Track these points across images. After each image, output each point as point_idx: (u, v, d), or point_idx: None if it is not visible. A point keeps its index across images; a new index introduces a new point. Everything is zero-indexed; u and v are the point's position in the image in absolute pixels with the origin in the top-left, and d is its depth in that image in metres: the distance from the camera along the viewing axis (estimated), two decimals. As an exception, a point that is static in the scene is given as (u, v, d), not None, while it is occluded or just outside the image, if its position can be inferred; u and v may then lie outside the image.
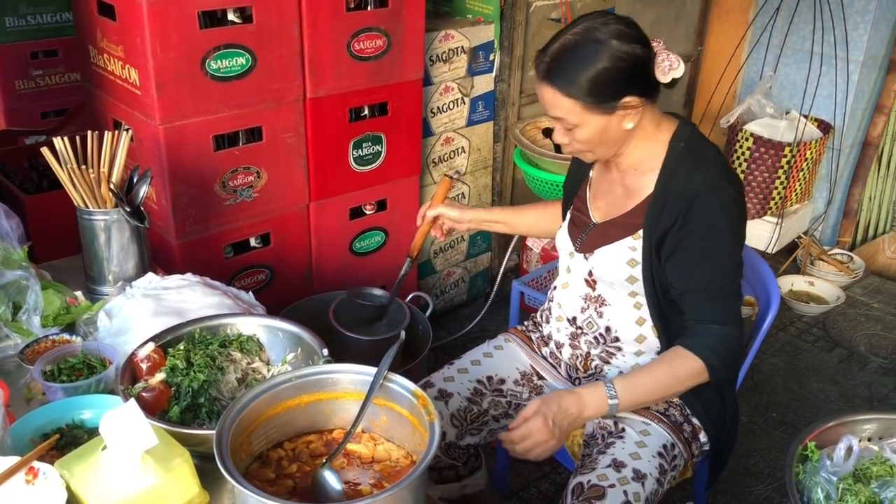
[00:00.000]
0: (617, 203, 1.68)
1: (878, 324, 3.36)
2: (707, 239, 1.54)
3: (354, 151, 2.49)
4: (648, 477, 1.56)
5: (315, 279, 2.58)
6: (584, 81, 1.47)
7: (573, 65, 1.48)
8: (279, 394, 1.26)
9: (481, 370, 1.84)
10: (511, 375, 1.85)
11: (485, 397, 1.79)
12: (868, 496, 1.52)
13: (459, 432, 1.75)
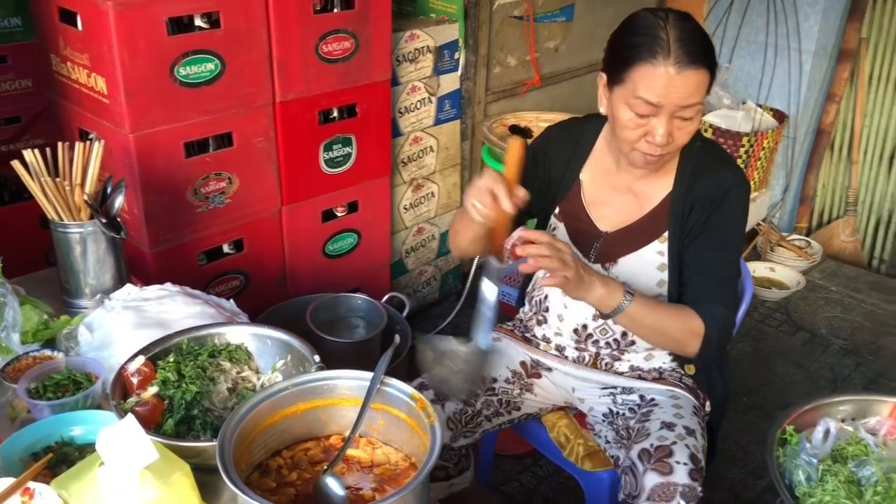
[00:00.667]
0: (628, 210, 1.69)
1: (838, 306, 3.47)
2: (730, 229, 1.63)
3: (325, 154, 2.48)
4: (696, 431, 1.65)
5: (289, 283, 2.57)
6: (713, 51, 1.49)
7: (702, 37, 1.48)
8: (277, 402, 1.26)
9: None
10: (503, 374, 1.86)
11: (478, 398, 1.80)
12: (847, 475, 1.58)
13: (454, 434, 1.77)
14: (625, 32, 1.53)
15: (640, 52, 1.46)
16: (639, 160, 1.57)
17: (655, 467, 1.57)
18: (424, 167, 2.97)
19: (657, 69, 1.44)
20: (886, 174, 3.76)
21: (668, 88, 1.45)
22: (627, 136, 1.53)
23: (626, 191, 1.68)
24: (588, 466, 1.83)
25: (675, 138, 1.51)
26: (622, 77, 1.50)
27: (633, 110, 1.50)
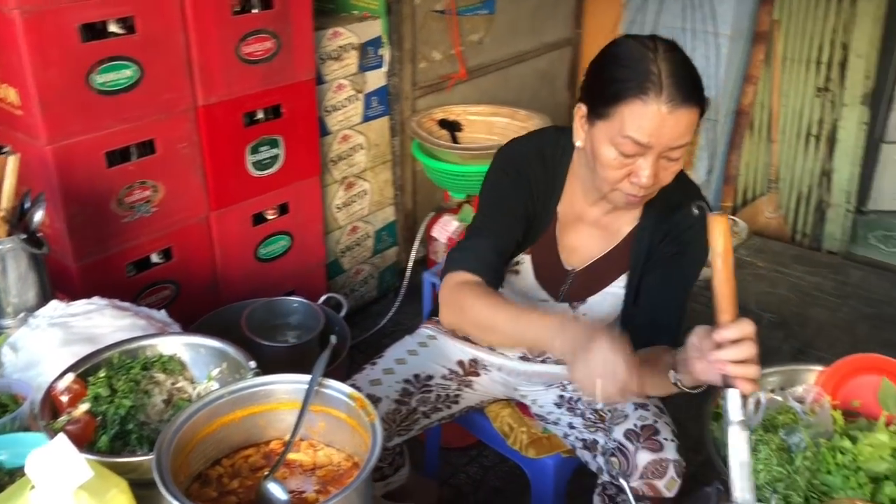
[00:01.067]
0: (594, 244, 1.63)
1: (765, 281, 3.58)
2: (700, 260, 1.58)
3: (252, 156, 2.45)
4: (664, 409, 1.71)
5: (222, 290, 2.53)
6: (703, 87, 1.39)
7: (693, 72, 1.37)
8: (214, 410, 1.24)
9: (407, 369, 1.80)
10: (439, 371, 1.83)
11: (413, 396, 1.76)
12: (778, 443, 1.64)
13: (388, 434, 1.72)
14: (610, 63, 1.40)
15: (630, 88, 1.34)
16: (619, 200, 1.47)
17: (646, 445, 1.62)
18: (355, 165, 2.96)
19: (648, 107, 1.33)
20: (804, 151, 3.89)
21: (659, 128, 1.33)
22: (609, 176, 1.42)
23: (593, 223, 1.61)
24: (532, 454, 1.86)
25: (660, 179, 1.42)
26: (607, 113, 1.38)
27: (618, 149, 1.38)
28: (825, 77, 3.75)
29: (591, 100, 1.43)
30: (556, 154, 1.58)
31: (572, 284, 1.66)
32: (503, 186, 1.56)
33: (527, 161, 1.56)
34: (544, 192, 1.57)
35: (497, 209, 1.55)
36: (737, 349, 1.21)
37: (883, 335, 3.17)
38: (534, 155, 1.57)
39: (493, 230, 1.53)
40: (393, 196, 3.19)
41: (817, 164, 3.86)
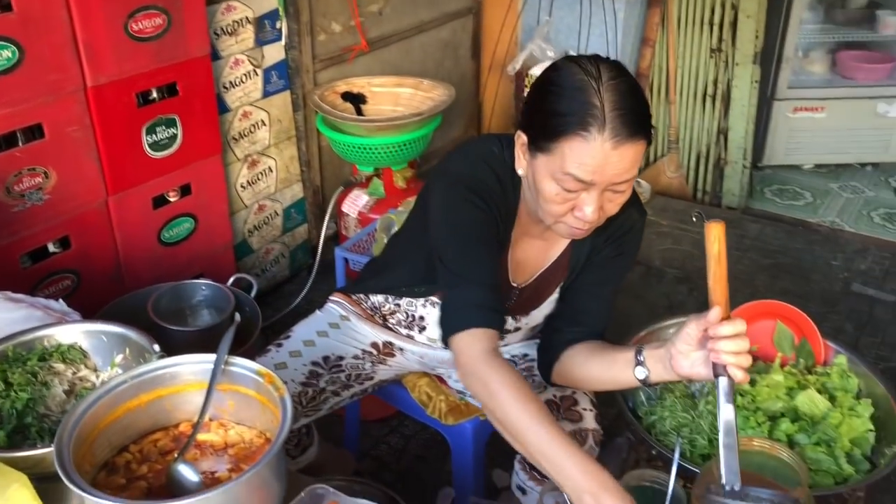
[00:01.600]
0: (537, 257, 1.60)
1: (669, 238, 3.70)
2: (629, 265, 1.61)
3: (148, 137, 2.37)
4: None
5: (126, 276, 2.45)
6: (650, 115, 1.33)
7: (640, 102, 1.30)
8: (116, 397, 1.21)
9: (316, 351, 1.75)
10: (350, 352, 1.78)
11: (321, 377, 1.71)
12: (682, 391, 1.71)
13: (294, 416, 1.60)
14: (549, 93, 1.32)
15: (571, 124, 1.26)
16: (564, 232, 1.43)
17: (567, 416, 1.66)
18: (258, 142, 2.90)
19: (590, 144, 1.25)
20: (701, 111, 4.01)
21: (602, 165, 1.27)
22: (552, 210, 1.37)
23: (538, 236, 1.56)
24: (451, 420, 1.87)
25: (606, 211, 1.37)
26: (548, 147, 1.31)
27: (560, 185, 1.32)
28: (718, 38, 3.87)
29: (531, 131, 1.36)
30: (507, 175, 1.48)
31: (517, 300, 1.65)
32: (475, 218, 1.44)
33: (489, 188, 1.45)
34: (505, 219, 1.50)
35: (475, 243, 1.44)
36: (734, 342, 1.25)
37: (779, 284, 3.32)
38: (494, 181, 1.46)
39: (479, 268, 1.43)
40: (299, 172, 3.14)
41: (714, 122, 3.99)
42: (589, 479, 1.21)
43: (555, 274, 1.62)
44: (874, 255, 3.59)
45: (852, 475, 1.53)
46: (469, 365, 1.37)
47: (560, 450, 1.25)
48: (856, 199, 4.18)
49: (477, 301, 1.39)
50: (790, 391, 1.68)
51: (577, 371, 1.56)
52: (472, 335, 1.38)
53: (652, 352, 1.41)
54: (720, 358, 1.25)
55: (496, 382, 1.32)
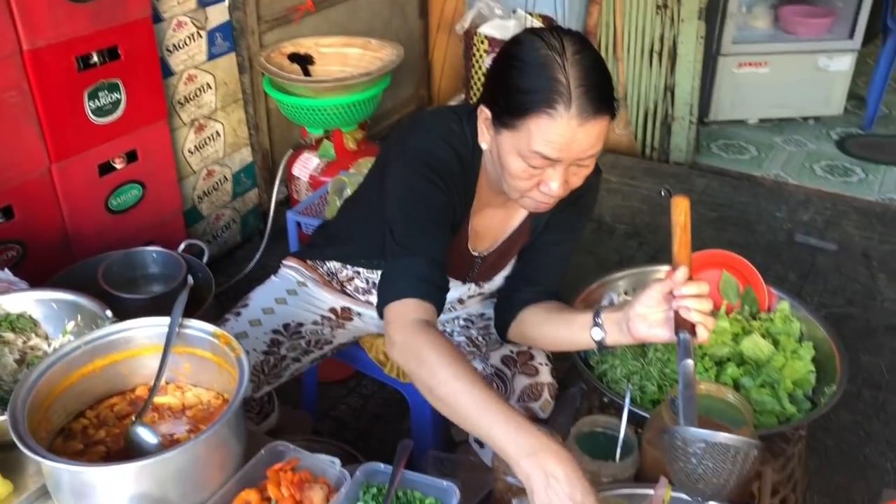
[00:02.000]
0: (499, 225, 1.60)
1: (618, 195, 3.75)
2: (585, 223, 1.63)
3: (91, 103, 2.31)
4: None
5: (74, 245, 2.41)
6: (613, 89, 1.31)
7: (604, 76, 1.29)
8: (70, 363, 1.20)
9: (276, 319, 1.73)
10: (310, 318, 1.78)
11: (282, 345, 1.71)
12: (632, 340, 1.75)
13: (256, 385, 1.65)
14: (513, 69, 1.30)
15: (536, 101, 1.25)
16: (529, 206, 1.42)
17: (523, 370, 1.70)
18: (204, 106, 2.85)
19: (556, 122, 1.24)
20: (648, 68, 4.05)
21: (569, 143, 1.26)
22: (518, 186, 1.36)
23: (499, 206, 1.56)
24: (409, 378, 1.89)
25: (571, 184, 1.37)
26: (513, 124, 1.30)
27: (526, 161, 1.31)
28: (663, -6, 3.90)
29: (496, 108, 1.33)
30: (468, 152, 1.47)
31: (480, 268, 1.65)
32: (430, 195, 1.41)
33: (450, 169, 1.44)
34: (464, 195, 1.49)
35: (427, 219, 1.42)
36: (700, 301, 1.27)
37: (725, 235, 3.40)
38: (453, 159, 1.44)
39: (427, 243, 1.40)
40: (248, 136, 3.10)
41: (661, 79, 4.04)
42: (525, 437, 1.16)
43: (517, 239, 1.63)
44: (816, 205, 3.69)
45: (795, 414, 1.59)
46: (398, 334, 1.32)
47: (496, 415, 1.18)
48: (798, 153, 4.28)
49: (417, 273, 1.36)
50: (736, 337, 1.73)
51: (534, 331, 1.59)
52: (405, 305, 1.34)
53: (609, 315, 1.43)
54: (690, 315, 1.27)
55: (427, 350, 1.27)
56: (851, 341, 2.76)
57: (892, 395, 2.54)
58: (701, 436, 1.14)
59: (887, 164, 4.13)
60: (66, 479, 1.07)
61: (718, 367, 1.67)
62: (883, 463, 2.30)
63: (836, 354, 1.68)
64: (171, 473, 1.08)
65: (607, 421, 1.40)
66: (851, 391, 2.54)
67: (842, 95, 4.47)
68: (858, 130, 4.50)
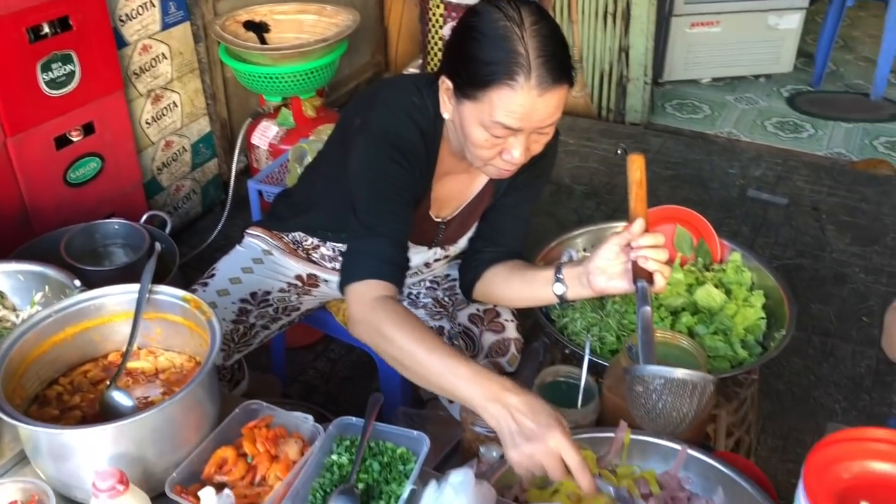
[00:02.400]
0: (462, 191, 1.63)
1: (576, 157, 3.81)
2: (545, 184, 1.66)
3: (44, 75, 2.29)
4: None
5: (33, 220, 2.39)
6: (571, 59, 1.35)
7: (562, 46, 1.31)
8: (42, 332, 1.22)
9: (243, 288, 1.76)
10: (276, 286, 1.80)
11: (251, 313, 1.73)
12: (591, 294, 1.81)
13: (227, 354, 1.68)
14: (473, 40, 1.32)
15: (497, 73, 1.28)
16: (492, 173, 1.47)
17: (490, 327, 1.75)
18: (160, 76, 2.82)
19: (517, 93, 1.28)
20: (603, 30, 4.08)
21: (529, 113, 1.30)
22: (481, 154, 1.39)
23: (462, 172, 1.59)
24: (375, 340, 1.93)
25: (531, 151, 1.41)
26: (475, 95, 1.32)
27: (488, 132, 1.34)
28: (616, -45, 3.92)
29: (457, 79, 1.36)
30: (430, 124, 1.49)
31: (444, 232, 1.68)
32: (393, 174, 1.43)
33: (413, 145, 1.46)
34: (426, 168, 1.52)
35: (389, 199, 1.44)
36: (656, 251, 1.34)
37: (681, 193, 3.48)
38: (415, 134, 1.46)
39: (389, 223, 1.42)
40: (205, 106, 3.08)
41: (615, 41, 4.08)
42: (486, 385, 1.20)
43: (480, 202, 1.67)
44: (767, 161, 3.79)
45: (747, 359, 1.67)
46: (360, 313, 1.35)
47: (455, 369, 1.23)
48: (750, 110, 4.37)
49: (379, 254, 1.39)
50: (690, 288, 1.80)
51: (498, 289, 1.64)
52: (367, 285, 1.37)
53: (570, 269, 1.49)
54: (647, 264, 1.33)
55: (388, 324, 1.30)
56: (801, 291, 2.87)
57: (840, 341, 2.65)
58: (660, 372, 1.20)
59: (835, 119, 4.24)
60: (45, 443, 1.09)
61: (674, 317, 1.74)
62: (831, 404, 2.41)
63: (785, 301, 1.76)
64: (149, 433, 1.10)
65: (569, 371, 1.46)
66: (802, 338, 2.65)
67: (791, 53, 4.56)
68: (808, 87, 4.61)
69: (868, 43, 5.19)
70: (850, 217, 3.34)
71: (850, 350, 2.62)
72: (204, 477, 1.14)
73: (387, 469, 1.18)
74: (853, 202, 3.44)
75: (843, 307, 2.81)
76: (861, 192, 3.51)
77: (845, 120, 4.23)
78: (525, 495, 1.26)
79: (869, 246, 3.15)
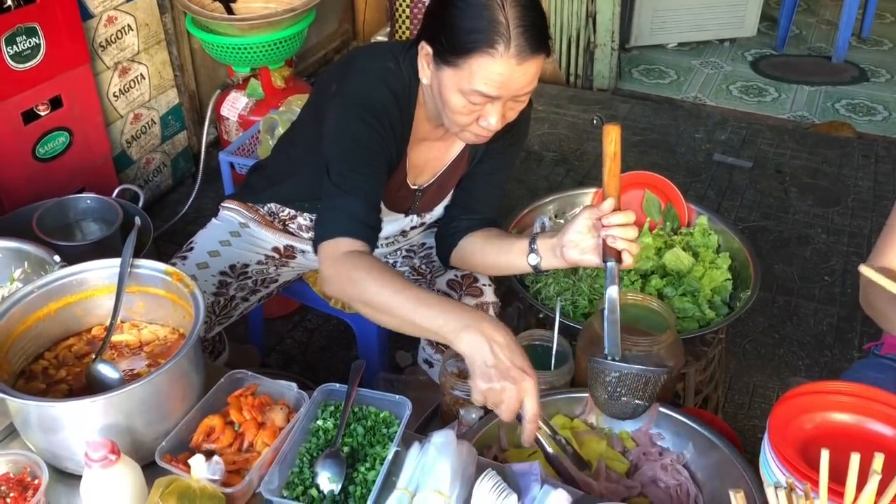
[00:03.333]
0: (438, 158, 1.65)
1: (545, 123, 3.84)
2: (520, 151, 1.67)
3: (9, 48, 2.26)
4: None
5: (3, 196, 2.38)
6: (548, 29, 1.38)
7: (540, 17, 1.34)
8: (26, 307, 1.23)
9: (222, 261, 1.77)
10: (254, 258, 1.82)
11: (230, 286, 1.75)
12: (564, 260, 1.86)
13: (209, 326, 1.70)
14: (455, 8, 1.34)
15: (478, 41, 1.30)
16: (469, 139, 1.48)
17: (469, 292, 1.78)
18: (127, 48, 2.79)
19: (497, 61, 1.30)
20: (570, -4, 4.10)
21: (508, 80, 1.33)
22: (458, 120, 1.42)
23: (438, 139, 1.62)
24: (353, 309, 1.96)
25: (507, 118, 1.43)
26: (455, 63, 1.34)
27: (466, 98, 1.37)
28: (582, -79, 3.92)
29: (438, 46, 1.37)
30: (405, 90, 1.51)
31: (420, 200, 1.70)
32: (366, 138, 1.46)
33: (387, 109, 1.48)
34: (400, 133, 1.54)
35: (362, 160, 1.46)
36: (626, 229, 1.35)
37: (648, 158, 3.54)
38: (390, 99, 1.48)
39: (361, 184, 1.44)
40: (173, 78, 3.05)
41: (582, 6, 4.09)
42: (462, 315, 1.24)
43: (456, 169, 1.70)
44: (732, 125, 3.86)
45: (714, 319, 1.73)
46: (331, 267, 1.38)
47: (428, 303, 1.28)
48: (715, 75, 4.43)
49: (352, 213, 1.41)
50: (658, 251, 1.85)
51: (474, 257, 1.68)
52: (337, 243, 1.39)
53: (544, 241, 1.53)
54: (616, 243, 1.36)
55: (358, 270, 1.34)
56: (766, 252, 2.95)
57: (803, 300, 2.74)
58: (617, 367, 1.25)
59: (798, 83, 4.32)
60: (36, 416, 1.11)
61: (644, 280, 1.79)
62: (795, 361, 2.50)
63: (750, 262, 1.82)
64: (137, 404, 1.13)
65: (543, 334, 1.50)
66: (766, 298, 2.73)
67: (755, 17, 4.62)
68: (771, 51, 4.67)
69: (830, 6, 5.26)
70: (813, 179, 3.42)
71: (812, 308, 2.70)
72: (192, 445, 1.17)
73: (371, 433, 1.22)
74: (815, 164, 3.52)
75: (805, 267, 2.90)
76: (823, 155, 3.59)
77: (808, 83, 4.31)
78: (504, 455, 1.31)
79: (831, 207, 3.23)
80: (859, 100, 4.15)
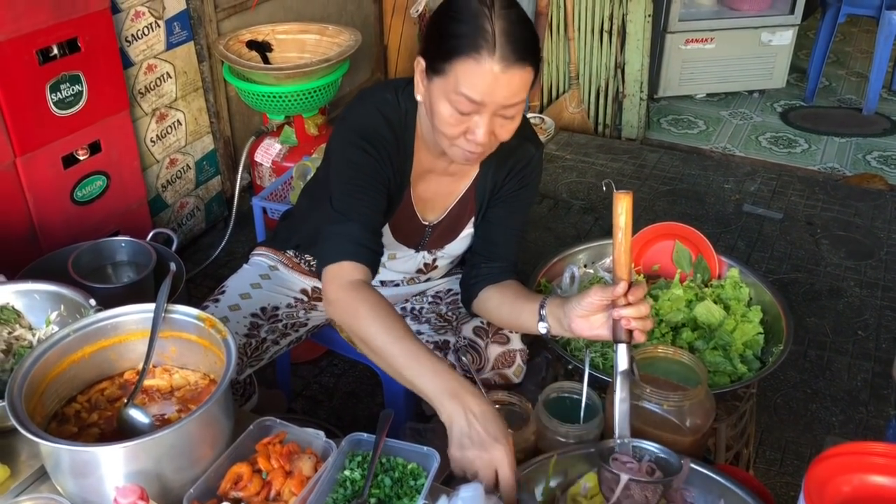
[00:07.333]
0: (446, 192, 1.68)
1: (573, 172, 3.85)
2: (533, 196, 1.71)
3: (53, 95, 2.32)
4: None
5: (41, 238, 2.42)
6: (538, 46, 1.40)
7: (529, 31, 1.36)
8: (62, 350, 1.25)
9: (253, 303, 1.80)
10: (284, 301, 1.84)
11: (262, 328, 1.77)
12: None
13: (240, 368, 1.72)
14: (446, 17, 1.38)
15: (463, 45, 1.33)
16: (458, 156, 1.48)
17: (495, 339, 1.78)
18: (165, 95, 2.86)
19: (481, 65, 1.33)
20: (599, 46, 4.14)
21: (492, 87, 1.34)
22: (447, 132, 1.43)
23: (442, 172, 1.64)
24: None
25: (498, 136, 1.44)
26: (443, 69, 1.37)
27: (453, 106, 1.38)
28: (612, -26, 3.98)
29: (429, 56, 1.41)
30: (400, 119, 1.56)
31: (430, 236, 1.73)
32: (361, 162, 1.51)
33: (379, 134, 1.53)
34: (398, 159, 1.57)
35: (360, 186, 1.51)
36: (637, 308, 1.35)
37: (677, 208, 3.53)
38: (383, 126, 1.53)
39: (361, 210, 1.50)
40: (209, 124, 3.12)
41: (611, 57, 4.13)
42: (448, 381, 1.29)
43: (464, 209, 1.71)
44: (762, 176, 3.84)
45: (745, 374, 1.70)
46: (335, 292, 1.44)
47: (421, 360, 1.33)
48: (744, 125, 4.43)
49: (351, 237, 1.47)
50: (689, 303, 1.84)
51: (490, 314, 1.71)
52: (340, 267, 1.45)
53: (553, 308, 1.53)
54: (630, 324, 1.36)
55: (364, 306, 1.39)
56: (797, 305, 2.91)
57: (836, 355, 2.69)
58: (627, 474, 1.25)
59: (828, 134, 4.30)
60: (67, 460, 1.12)
61: (674, 332, 1.78)
62: (828, 417, 2.45)
63: (782, 316, 1.80)
64: (167, 450, 1.13)
65: (572, 386, 1.49)
66: (798, 352, 2.68)
67: (784, 69, 4.63)
68: (801, 102, 4.67)
69: (860, 58, 5.27)
70: (845, 231, 3.38)
71: (846, 363, 2.66)
72: (220, 493, 1.17)
73: (398, 484, 1.21)
74: (847, 216, 3.49)
75: (838, 321, 2.85)
76: (855, 207, 3.56)
77: (838, 135, 4.29)
78: (532, 508, 1.29)
79: (863, 260, 3.19)
80: (891, 152, 4.12)
